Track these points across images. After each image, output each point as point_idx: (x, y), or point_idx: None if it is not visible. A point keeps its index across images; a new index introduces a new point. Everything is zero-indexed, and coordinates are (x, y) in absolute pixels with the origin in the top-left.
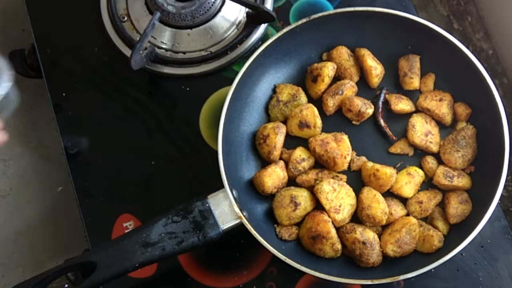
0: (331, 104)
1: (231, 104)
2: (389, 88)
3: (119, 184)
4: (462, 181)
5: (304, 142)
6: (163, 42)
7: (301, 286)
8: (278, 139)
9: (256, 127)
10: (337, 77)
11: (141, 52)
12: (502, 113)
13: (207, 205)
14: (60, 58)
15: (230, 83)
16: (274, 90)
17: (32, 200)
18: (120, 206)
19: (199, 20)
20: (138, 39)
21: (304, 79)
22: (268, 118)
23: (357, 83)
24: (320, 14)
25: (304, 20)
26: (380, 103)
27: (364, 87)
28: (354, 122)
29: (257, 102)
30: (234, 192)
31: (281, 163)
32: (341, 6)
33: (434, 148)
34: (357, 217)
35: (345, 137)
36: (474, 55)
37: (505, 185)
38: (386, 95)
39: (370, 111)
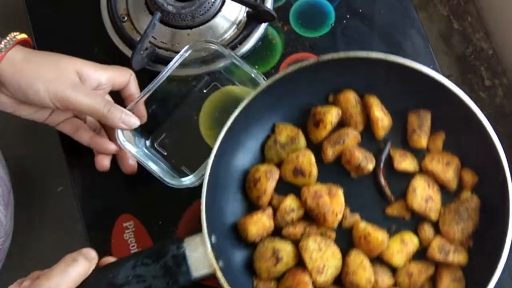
0: (330, 153)
1: (225, 139)
2: (395, 141)
3: (119, 184)
4: (458, 257)
5: (296, 189)
6: (163, 42)
7: None
8: (269, 185)
9: (249, 165)
10: (341, 122)
11: (142, 52)
12: (510, 188)
13: (182, 250)
14: None
15: (230, 83)
16: (273, 129)
17: (32, 200)
18: (120, 206)
19: (199, 20)
20: (138, 39)
21: (306, 119)
22: (263, 157)
23: (361, 132)
24: (307, 63)
25: (295, 67)
26: (383, 158)
27: (368, 136)
28: (352, 175)
29: (253, 140)
30: (213, 238)
31: (269, 211)
32: (341, 7)
33: (433, 216)
34: (340, 280)
35: (340, 192)
36: (486, 119)
37: None
38: (390, 151)
39: (370, 166)
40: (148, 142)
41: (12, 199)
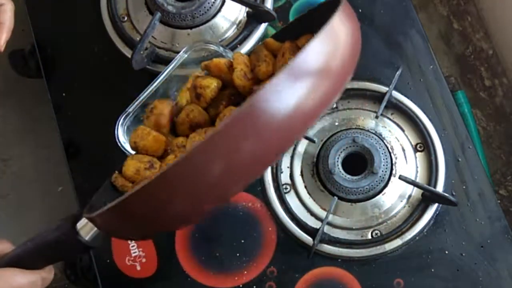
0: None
1: None
2: None
3: None
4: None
5: None
6: (163, 42)
7: (301, 286)
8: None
9: None
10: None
11: (142, 52)
12: None
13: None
14: (60, 58)
15: None
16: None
17: (32, 200)
18: None
19: (199, 20)
20: (138, 39)
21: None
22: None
23: None
24: None
25: None
26: None
27: None
28: None
29: None
30: None
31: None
32: None
33: None
34: None
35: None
36: None
37: (505, 185)
38: None
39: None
40: None
41: None
